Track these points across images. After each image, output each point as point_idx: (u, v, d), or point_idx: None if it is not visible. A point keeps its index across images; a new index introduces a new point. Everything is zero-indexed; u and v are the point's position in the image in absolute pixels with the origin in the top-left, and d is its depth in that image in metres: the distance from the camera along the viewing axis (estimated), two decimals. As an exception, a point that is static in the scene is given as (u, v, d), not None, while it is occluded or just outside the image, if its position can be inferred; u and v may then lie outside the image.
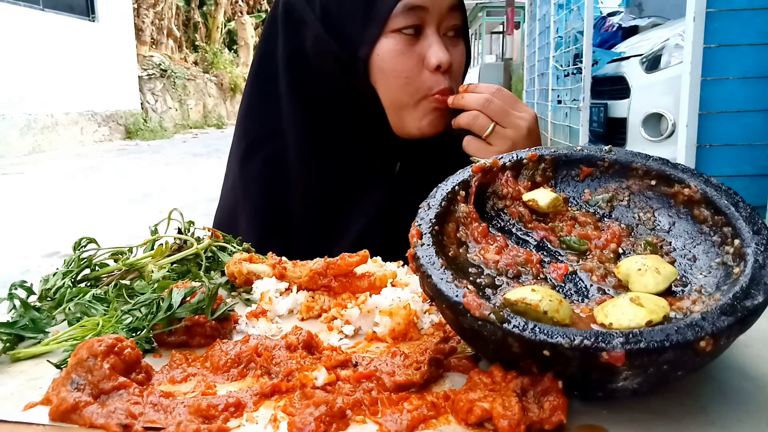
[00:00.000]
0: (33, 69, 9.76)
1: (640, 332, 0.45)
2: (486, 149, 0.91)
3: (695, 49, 2.56)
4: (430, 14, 0.94)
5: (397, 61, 0.94)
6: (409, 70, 0.94)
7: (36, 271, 3.61)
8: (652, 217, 0.64)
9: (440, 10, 0.95)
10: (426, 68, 0.95)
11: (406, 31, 0.93)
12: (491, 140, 0.91)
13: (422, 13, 0.93)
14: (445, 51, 0.94)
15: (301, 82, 1.01)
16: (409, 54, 0.94)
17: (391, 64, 0.95)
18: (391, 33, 0.94)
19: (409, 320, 0.65)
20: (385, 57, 0.94)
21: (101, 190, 6.53)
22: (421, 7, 0.93)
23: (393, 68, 0.95)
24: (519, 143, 0.90)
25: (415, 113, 0.97)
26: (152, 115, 13.55)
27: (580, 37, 4.75)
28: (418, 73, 0.95)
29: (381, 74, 0.96)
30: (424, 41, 0.95)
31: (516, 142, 0.90)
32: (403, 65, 0.94)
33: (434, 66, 0.94)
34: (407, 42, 0.94)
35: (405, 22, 0.93)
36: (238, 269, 0.80)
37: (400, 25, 0.93)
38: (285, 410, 0.50)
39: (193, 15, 18.31)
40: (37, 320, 0.67)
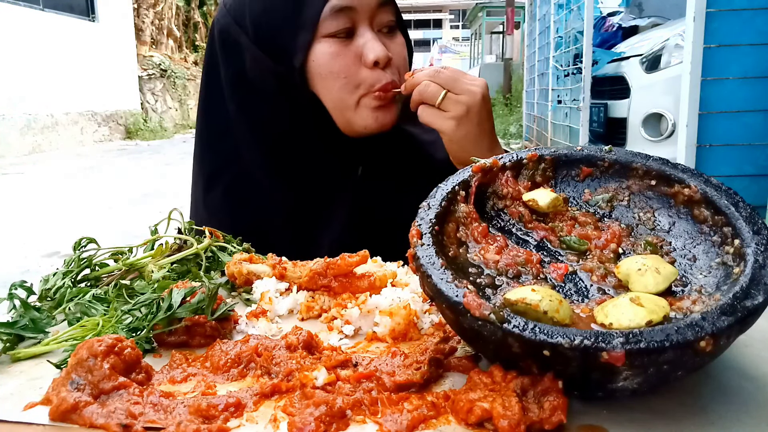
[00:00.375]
0: (33, 69, 9.76)
1: (640, 332, 0.45)
2: (440, 116, 0.90)
3: (695, 49, 2.56)
4: (359, 13, 0.93)
5: (333, 63, 0.94)
6: (347, 69, 0.94)
7: (36, 271, 3.61)
8: (652, 217, 0.64)
9: (369, 7, 0.94)
10: (364, 65, 0.94)
11: (339, 34, 0.93)
12: (444, 107, 0.89)
13: (351, 14, 0.93)
14: (381, 46, 0.93)
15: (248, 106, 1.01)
16: (344, 54, 0.93)
17: (328, 67, 0.94)
18: (324, 38, 0.93)
19: (409, 320, 0.65)
20: (320, 61, 0.94)
21: (101, 190, 6.53)
22: (349, 7, 0.92)
23: (330, 71, 0.94)
24: (474, 108, 0.89)
25: (359, 111, 0.96)
26: (152, 115, 13.55)
27: (580, 37, 4.75)
28: (357, 71, 0.94)
29: (319, 79, 0.95)
30: (358, 40, 0.94)
31: (470, 107, 0.89)
32: (339, 66, 0.94)
33: (372, 62, 0.93)
34: (341, 44, 0.94)
35: (335, 25, 0.92)
36: (238, 269, 0.80)
37: (332, 28, 0.92)
38: (285, 410, 0.50)
39: (193, 15, 18.32)
40: (37, 320, 0.67)
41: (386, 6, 0.97)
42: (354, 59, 0.94)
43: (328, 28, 0.92)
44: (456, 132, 0.89)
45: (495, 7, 16.54)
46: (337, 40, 0.93)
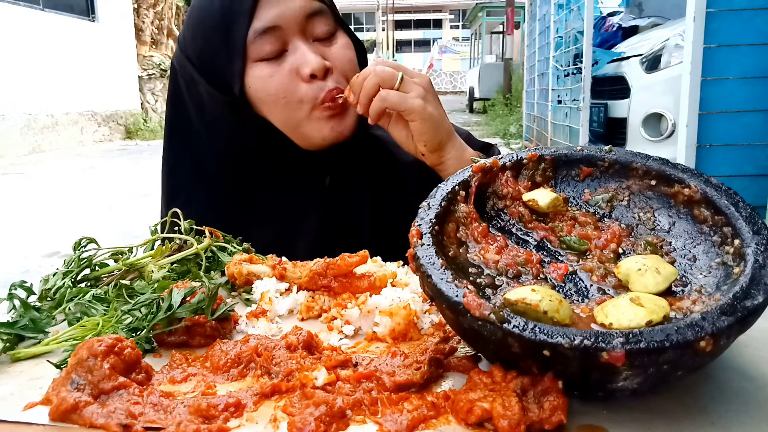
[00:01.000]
0: (33, 69, 9.76)
1: (640, 332, 0.45)
2: (405, 96, 0.87)
3: (695, 49, 2.57)
4: (286, 30, 0.91)
5: (269, 86, 0.92)
6: (284, 88, 0.92)
7: (36, 271, 3.61)
8: (652, 217, 0.64)
9: (297, 21, 0.92)
10: (302, 80, 0.92)
11: (269, 55, 0.91)
12: (405, 89, 0.87)
13: (278, 32, 0.91)
14: (315, 57, 0.91)
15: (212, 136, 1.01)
16: (278, 74, 0.92)
17: (264, 90, 0.92)
18: (256, 62, 0.92)
19: (409, 320, 0.65)
20: (256, 86, 0.92)
21: (101, 190, 6.53)
22: (273, 27, 0.90)
23: (267, 93, 0.92)
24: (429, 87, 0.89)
25: (312, 125, 0.94)
26: (152, 115, 13.56)
27: (580, 37, 4.76)
28: (295, 88, 0.92)
29: (261, 103, 0.94)
30: (291, 55, 0.92)
31: (425, 86, 0.88)
32: (275, 87, 0.92)
33: (308, 75, 0.91)
34: (273, 64, 0.92)
35: (264, 47, 0.91)
36: (239, 270, 0.80)
37: (261, 51, 0.91)
38: (285, 410, 0.50)
39: (193, 15, 18.30)
40: (37, 320, 0.67)
41: (317, 16, 0.94)
42: (290, 76, 0.92)
43: (257, 51, 0.91)
44: (425, 110, 0.87)
45: (495, 7, 16.54)
46: (269, 61, 0.92)
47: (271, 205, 1.03)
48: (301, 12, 0.92)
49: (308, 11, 0.93)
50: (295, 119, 0.94)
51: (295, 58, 0.92)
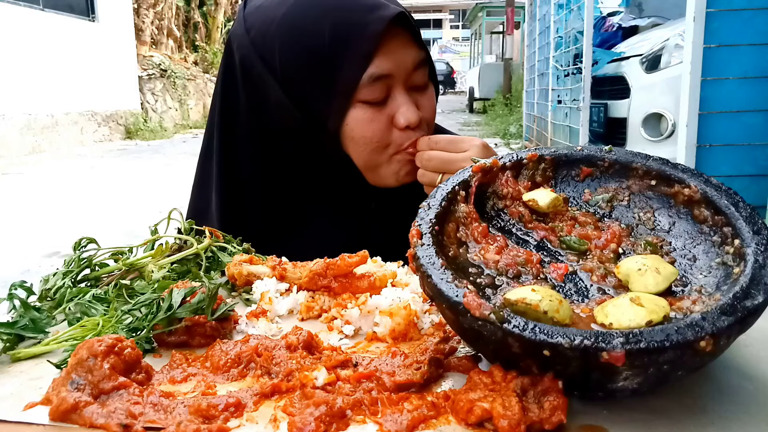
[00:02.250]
0: (33, 69, 9.76)
1: (640, 332, 0.45)
2: None
3: (695, 49, 2.57)
4: (395, 78, 0.92)
5: (366, 129, 0.93)
6: (380, 135, 0.93)
7: (36, 271, 3.61)
8: (652, 217, 0.64)
9: (406, 71, 0.93)
10: (395, 127, 0.94)
11: (376, 100, 0.92)
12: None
13: (388, 80, 0.92)
14: (413, 110, 0.93)
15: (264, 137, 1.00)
16: (377, 120, 0.93)
17: (360, 132, 0.93)
18: (359, 103, 0.92)
19: (410, 320, 0.65)
20: (354, 126, 0.93)
21: (101, 190, 6.53)
22: (387, 75, 0.91)
23: (362, 135, 0.93)
24: None
25: (390, 168, 0.97)
26: (152, 115, 13.55)
27: (580, 37, 4.76)
28: (388, 135, 0.94)
29: (351, 142, 0.94)
30: (392, 103, 0.93)
31: None
32: (373, 132, 0.93)
33: (403, 126, 0.93)
34: (375, 109, 0.93)
35: (372, 93, 0.91)
36: (239, 271, 0.80)
37: (368, 95, 0.91)
38: (285, 410, 0.50)
39: (193, 15, 18.30)
40: (37, 320, 0.67)
41: (420, 68, 0.96)
42: (386, 123, 0.94)
43: (364, 95, 0.91)
44: None
45: (495, 7, 16.54)
46: (372, 105, 0.92)
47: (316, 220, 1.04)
48: (412, 64, 0.94)
49: (416, 62, 0.95)
50: (377, 161, 0.97)
51: (395, 107, 0.93)
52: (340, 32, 0.89)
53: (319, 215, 1.04)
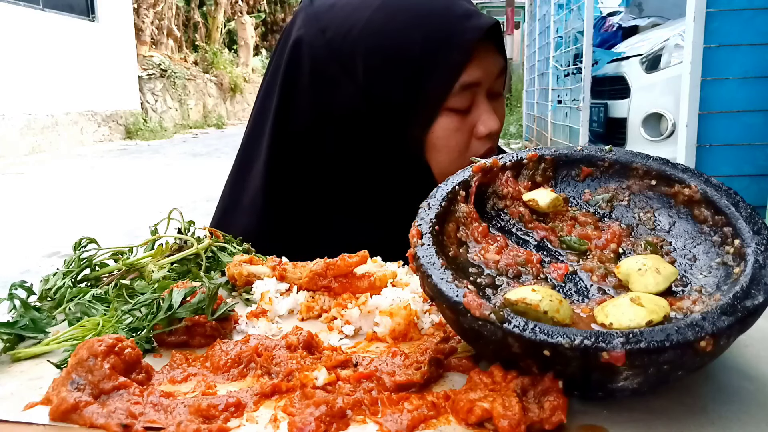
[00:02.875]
0: (33, 69, 9.76)
1: (640, 332, 0.45)
2: None
3: (695, 49, 2.56)
4: (482, 86, 0.92)
5: (451, 138, 0.91)
6: (463, 143, 0.92)
7: (36, 271, 3.61)
8: (652, 217, 0.64)
9: (491, 79, 0.93)
10: (475, 137, 0.93)
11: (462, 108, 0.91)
12: None
13: (476, 88, 0.91)
14: (495, 119, 0.92)
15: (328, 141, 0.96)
16: (462, 129, 0.92)
17: (445, 140, 0.91)
18: (446, 111, 0.90)
19: (410, 320, 0.65)
20: (440, 135, 0.91)
21: (101, 190, 6.53)
22: (476, 83, 0.90)
23: (446, 144, 0.92)
24: None
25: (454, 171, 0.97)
26: (152, 115, 13.55)
27: (580, 37, 4.75)
28: (469, 143, 0.93)
29: (434, 150, 0.92)
30: (475, 111, 0.92)
31: None
32: (456, 141, 0.92)
33: (484, 135, 0.92)
34: (461, 118, 0.91)
35: (460, 101, 0.90)
36: (239, 271, 0.80)
37: (457, 104, 0.89)
38: (285, 410, 0.50)
39: (193, 15, 18.31)
40: (37, 320, 0.67)
41: (502, 75, 0.95)
42: (469, 132, 0.93)
43: (453, 103, 0.90)
44: None
45: (495, 7, 16.52)
46: (459, 113, 0.91)
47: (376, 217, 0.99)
48: (497, 71, 0.93)
49: (501, 70, 0.94)
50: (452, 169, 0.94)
51: (478, 116, 0.92)
52: (433, 41, 0.87)
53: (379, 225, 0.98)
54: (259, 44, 21.09)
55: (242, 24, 19.40)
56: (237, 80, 17.38)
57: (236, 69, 17.83)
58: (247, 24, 19.42)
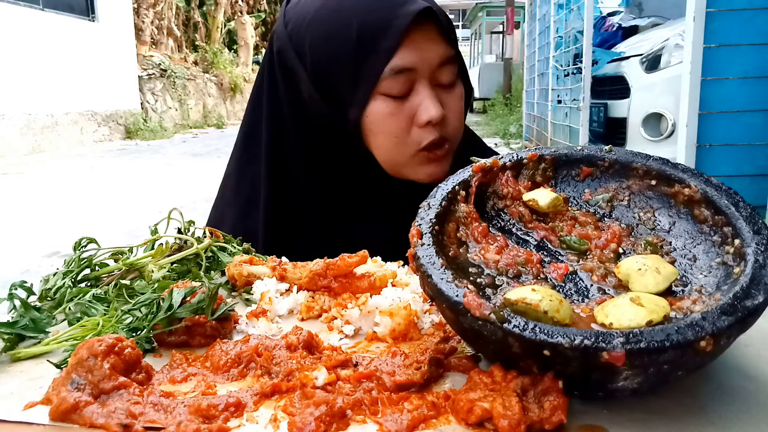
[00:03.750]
0: (33, 69, 9.75)
1: (640, 332, 0.45)
2: None
3: (695, 49, 2.56)
4: (419, 72, 0.92)
5: (386, 123, 0.93)
6: (400, 130, 0.93)
7: (36, 271, 3.61)
8: (653, 217, 0.64)
9: (430, 67, 0.93)
10: (416, 125, 0.93)
11: (398, 94, 0.92)
12: None
13: (411, 74, 0.92)
14: (436, 106, 0.92)
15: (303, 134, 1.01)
16: (398, 114, 0.93)
17: (380, 125, 0.93)
18: (381, 95, 0.92)
19: (410, 320, 0.65)
20: (374, 119, 0.93)
21: (101, 190, 6.53)
22: (409, 69, 0.91)
23: (382, 130, 0.93)
24: None
25: (411, 167, 0.96)
26: (152, 114, 13.55)
27: (580, 37, 4.75)
28: (408, 130, 0.93)
29: (371, 135, 0.95)
30: (414, 98, 0.93)
31: None
32: (392, 126, 0.93)
33: (424, 123, 0.92)
34: (396, 103, 0.92)
35: (394, 85, 0.91)
36: (239, 271, 0.80)
37: (390, 88, 0.91)
38: (285, 410, 0.50)
39: (193, 15, 18.31)
40: (37, 320, 0.67)
41: (449, 64, 0.95)
42: (407, 119, 0.93)
43: (386, 87, 0.91)
44: None
45: (495, 7, 16.53)
46: (393, 99, 0.92)
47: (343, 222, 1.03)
48: (437, 59, 0.93)
49: (443, 59, 0.94)
50: (398, 159, 0.96)
51: (417, 103, 0.93)
52: (368, 27, 0.90)
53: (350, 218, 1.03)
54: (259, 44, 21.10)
55: (242, 24, 19.40)
56: (237, 80, 17.38)
57: (236, 69, 17.83)
58: (247, 24, 19.42)
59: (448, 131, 0.96)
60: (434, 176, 0.97)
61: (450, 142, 0.97)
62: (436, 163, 0.97)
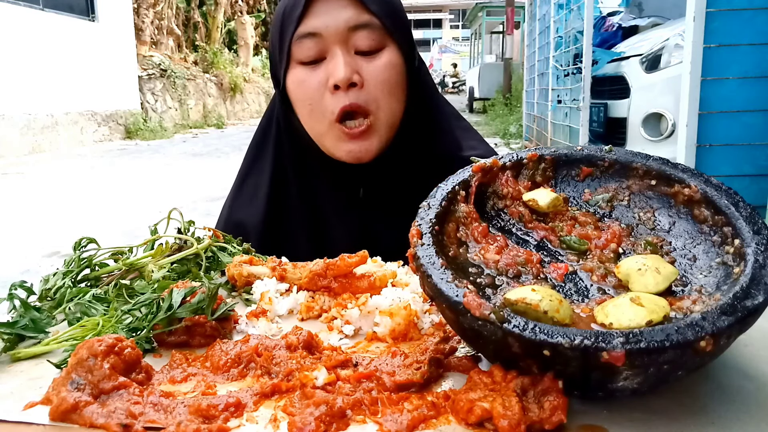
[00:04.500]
0: (33, 69, 9.75)
1: (640, 332, 0.45)
2: None
3: (695, 49, 2.56)
4: (327, 39, 0.92)
5: (300, 89, 0.95)
6: (311, 95, 0.94)
7: (36, 271, 3.61)
8: (652, 217, 0.64)
9: (338, 32, 0.92)
10: (327, 91, 0.93)
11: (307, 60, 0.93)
12: None
13: (319, 40, 0.92)
14: (345, 68, 0.91)
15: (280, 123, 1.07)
16: (309, 81, 0.94)
17: (295, 93, 0.96)
18: (297, 64, 0.95)
19: (410, 320, 0.65)
20: (292, 87, 0.96)
21: (101, 190, 6.53)
22: (314, 33, 0.92)
23: (298, 97, 0.96)
24: None
25: (331, 141, 0.96)
26: (152, 114, 13.55)
27: (580, 37, 4.75)
28: (321, 98, 0.93)
29: (295, 105, 0.98)
30: (328, 64, 0.93)
31: None
32: (305, 92, 0.94)
33: (332, 86, 0.92)
34: (309, 69, 0.94)
35: (303, 51, 0.93)
36: (239, 272, 0.80)
37: (301, 54, 0.93)
38: (285, 410, 0.50)
39: (193, 15, 18.29)
40: (37, 320, 0.67)
41: (364, 29, 0.93)
42: (319, 85, 0.93)
43: (298, 53, 0.94)
44: None
45: (495, 7, 16.52)
46: (307, 66, 0.94)
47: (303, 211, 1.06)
48: (344, 24, 0.93)
49: (352, 24, 0.93)
50: (318, 130, 0.97)
51: (328, 68, 0.93)
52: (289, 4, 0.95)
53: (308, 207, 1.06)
54: (259, 44, 21.09)
55: (242, 24, 19.39)
56: (237, 80, 17.37)
57: (236, 69, 17.82)
58: (247, 24, 19.42)
59: (366, 100, 0.93)
60: (355, 155, 0.95)
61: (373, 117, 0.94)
62: (356, 141, 0.95)
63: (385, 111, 0.95)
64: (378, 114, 0.94)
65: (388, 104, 0.95)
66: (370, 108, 0.93)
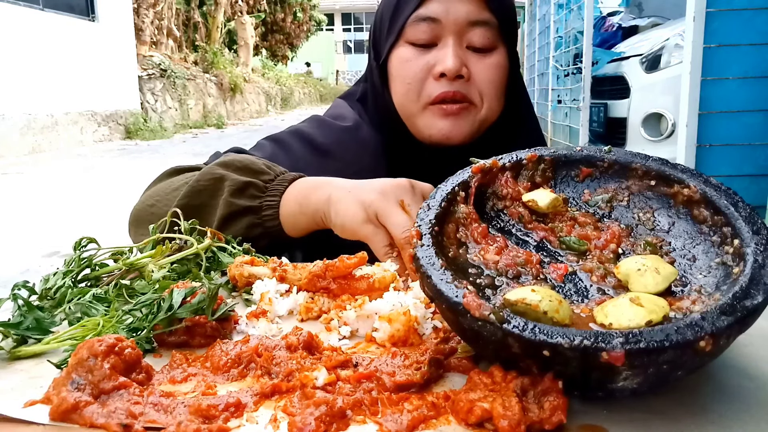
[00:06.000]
0: (33, 69, 9.75)
1: (639, 332, 0.45)
2: None
3: (695, 49, 2.56)
4: (444, 27, 0.94)
5: (403, 68, 0.96)
6: (413, 76, 0.96)
7: (36, 270, 3.61)
8: (652, 218, 0.64)
9: (456, 22, 0.94)
10: (432, 76, 0.95)
11: (419, 42, 0.95)
12: None
13: (436, 26, 0.94)
14: (456, 60, 0.93)
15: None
16: (416, 61, 0.96)
17: (399, 70, 0.97)
18: (406, 43, 0.96)
19: (409, 326, 0.64)
20: (394, 63, 0.98)
21: (101, 190, 6.53)
22: (433, 18, 0.94)
23: (398, 74, 0.97)
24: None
25: (422, 120, 0.98)
26: (152, 114, 13.54)
27: (580, 37, 4.75)
28: (423, 81, 0.96)
29: (392, 80, 0.99)
30: (438, 51, 0.95)
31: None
32: (407, 71, 0.96)
33: (438, 73, 0.94)
34: (418, 51, 0.96)
35: (417, 33, 0.95)
36: (240, 272, 0.80)
37: (414, 35, 0.95)
38: (285, 410, 0.50)
39: (193, 15, 18.30)
40: (41, 320, 0.67)
41: (481, 26, 0.96)
42: (424, 68, 0.96)
43: (411, 34, 0.96)
44: None
45: (495, 7, 16.50)
46: (417, 47, 0.96)
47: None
48: (465, 16, 0.95)
49: (472, 18, 0.95)
50: (411, 109, 0.99)
51: (437, 55, 0.95)
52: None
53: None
54: (259, 44, 21.09)
55: (242, 24, 19.39)
56: (237, 80, 17.37)
57: (236, 69, 17.82)
58: (247, 24, 19.42)
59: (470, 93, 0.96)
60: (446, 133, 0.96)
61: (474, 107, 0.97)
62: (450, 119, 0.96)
63: (486, 108, 0.99)
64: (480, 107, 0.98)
65: (489, 102, 0.99)
66: (474, 100, 0.97)
